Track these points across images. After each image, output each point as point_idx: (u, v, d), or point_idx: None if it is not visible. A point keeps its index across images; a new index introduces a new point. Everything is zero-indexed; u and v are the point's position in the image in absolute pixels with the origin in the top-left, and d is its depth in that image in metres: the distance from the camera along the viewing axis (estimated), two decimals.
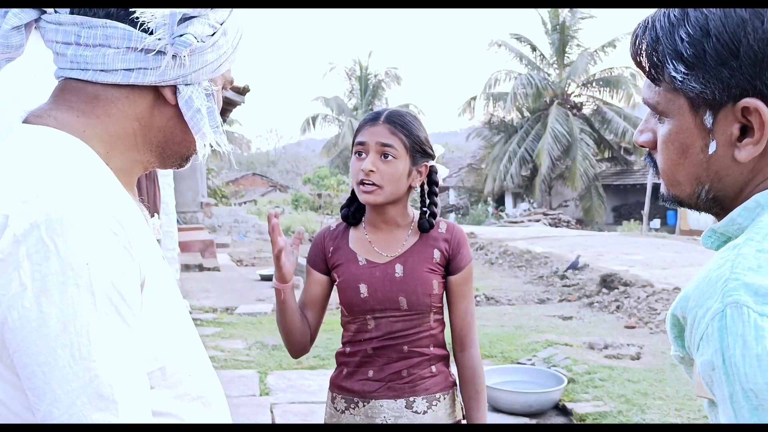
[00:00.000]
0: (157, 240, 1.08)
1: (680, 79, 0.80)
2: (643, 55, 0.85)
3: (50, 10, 0.92)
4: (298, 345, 1.90)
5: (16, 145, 0.89)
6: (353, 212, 1.93)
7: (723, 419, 0.72)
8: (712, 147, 0.81)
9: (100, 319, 0.79)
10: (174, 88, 0.97)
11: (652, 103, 0.87)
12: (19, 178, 0.83)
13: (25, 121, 0.95)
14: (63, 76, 0.96)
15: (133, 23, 0.92)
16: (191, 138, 1.01)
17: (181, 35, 0.92)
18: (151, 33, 0.92)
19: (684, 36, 0.79)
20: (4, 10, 0.90)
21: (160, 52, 0.92)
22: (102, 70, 0.92)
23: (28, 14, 0.91)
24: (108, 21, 0.91)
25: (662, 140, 0.87)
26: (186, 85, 0.96)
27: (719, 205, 0.86)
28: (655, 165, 0.91)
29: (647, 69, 0.85)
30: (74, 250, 0.78)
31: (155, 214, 1.15)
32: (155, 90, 0.97)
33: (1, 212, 0.79)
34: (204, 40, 0.95)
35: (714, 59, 0.77)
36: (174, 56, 0.93)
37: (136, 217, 0.93)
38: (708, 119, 0.81)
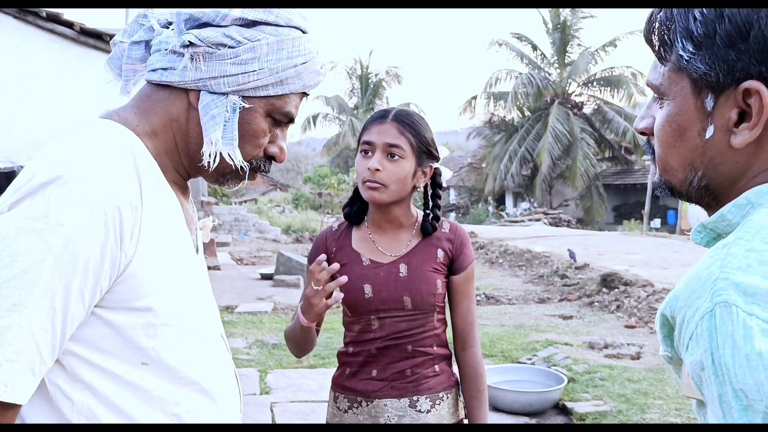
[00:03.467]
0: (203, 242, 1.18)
1: (687, 58, 0.80)
2: (656, 33, 0.84)
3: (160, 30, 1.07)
4: (305, 353, 1.92)
5: (79, 130, 1.02)
6: (356, 211, 1.93)
7: (712, 419, 0.72)
8: (710, 131, 0.81)
9: (43, 273, 0.87)
10: (199, 94, 1.05)
11: (655, 84, 0.86)
12: (57, 150, 0.95)
13: (101, 117, 1.08)
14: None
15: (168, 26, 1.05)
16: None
17: (184, 34, 1.01)
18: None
19: (698, 15, 0.78)
20: (137, 28, 1.08)
21: (179, 53, 1.03)
22: (152, 70, 1.06)
23: (146, 34, 1.07)
24: (165, 30, 1.05)
25: (660, 122, 0.86)
26: (210, 93, 1.04)
27: (711, 194, 0.85)
28: (653, 152, 0.90)
29: (657, 47, 0.84)
30: (59, 209, 0.88)
31: (211, 215, 1.23)
32: (188, 95, 1.05)
33: (32, 170, 0.92)
34: (218, 48, 1.02)
35: (723, 40, 0.77)
36: (192, 59, 1.02)
37: (167, 211, 1.03)
38: (709, 102, 0.80)
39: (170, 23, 1.05)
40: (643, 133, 0.92)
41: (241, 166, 1.08)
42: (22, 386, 0.86)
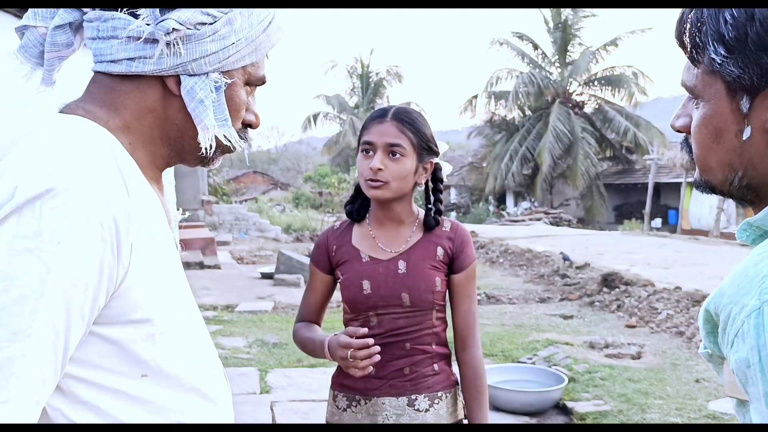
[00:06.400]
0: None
1: (719, 61, 0.79)
2: (687, 35, 0.83)
3: (88, 9, 0.97)
4: None
5: (46, 129, 0.93)
6: (357, 208, 1.93)
7: (756, 419, 0.71)
8: (747, 132, 0.80)
9: (44, 297, 0.81)
10: (178, 79, 0.98)
11: (689, 85, 0.86)
12: (38, 157, 0.86)
13: (60, 112, 1.00)
14: (92, 70, 1.00)
15: (134, 14, 0.95)
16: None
17: (163, 20, 0.93)
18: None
19: (728, 18, 0.77)
20: (54, 10, 0.97)
21: (154, 41, 0.95)
22: (111, 61, 0.97)
23: (70, 14, 0.97)
24: (115, 12, 0.95)
25: (696, 124, 0.86)
26: (190, 75, 0.98)
27: (754, 193, 0.85)
28: (690, 150, 0.89)
29: (689, 49, 0.84)
30: (54, 226, 0.82)
31: (180, 208, 1.18)
32: (162, 81, 0.99)
33: (12, 184, 0.83)
34: (197, 27, 0.95)
35: (755, 44, 0.76)
36: (168, 44, 0.94)
37: (151, 211, 0.97)
38: (744, 104, 0.80)
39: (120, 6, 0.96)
40: (679, 131, 0.91)
41: (229, 143, 1.03)
42: (29, 420, 0.82)
